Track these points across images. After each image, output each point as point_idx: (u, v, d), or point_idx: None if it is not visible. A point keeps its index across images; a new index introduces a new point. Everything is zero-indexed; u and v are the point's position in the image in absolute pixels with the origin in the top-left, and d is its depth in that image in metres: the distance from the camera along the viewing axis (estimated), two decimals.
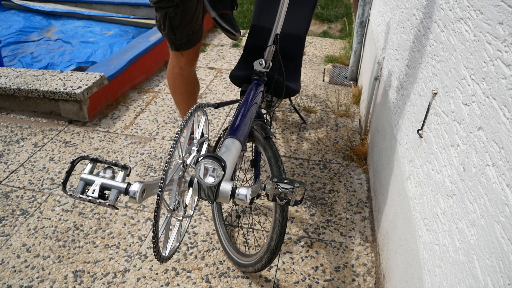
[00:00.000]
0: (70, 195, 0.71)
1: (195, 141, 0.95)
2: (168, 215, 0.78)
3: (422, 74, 1.12)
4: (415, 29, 1.25)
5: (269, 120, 1.40)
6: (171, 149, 0.74)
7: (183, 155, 0.81)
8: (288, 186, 0.89)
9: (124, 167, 0.73)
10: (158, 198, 0.70)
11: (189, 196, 0.89)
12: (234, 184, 0.82)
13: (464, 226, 0.75)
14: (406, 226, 1.12)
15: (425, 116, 1.04)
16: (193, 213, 0.92)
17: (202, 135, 0.98)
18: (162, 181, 0.70)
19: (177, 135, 0.75)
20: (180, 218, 0.85)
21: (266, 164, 1.14)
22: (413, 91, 1.20)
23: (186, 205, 0.86)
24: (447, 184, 0.85)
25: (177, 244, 0.84)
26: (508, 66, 0.64)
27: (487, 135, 0.69)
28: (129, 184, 0.70)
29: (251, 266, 1.24)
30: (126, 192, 0.70)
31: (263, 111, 1.54)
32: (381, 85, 1.74)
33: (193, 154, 0.90)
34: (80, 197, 0.69)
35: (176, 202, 0.79)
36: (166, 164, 0.71)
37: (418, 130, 1.08)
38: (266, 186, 0.90)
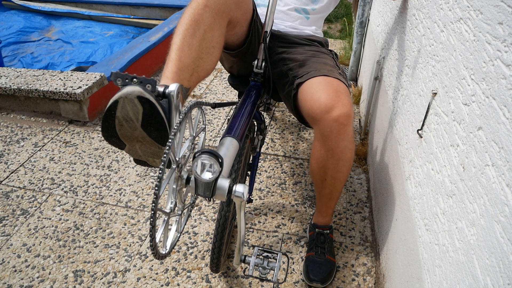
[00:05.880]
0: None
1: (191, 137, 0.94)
2: (166, 218, 0.77)
3: (422, 74, 1.13)
4: (415, 29, 1.25)
5: (264, 122, 1.39)
6: (177, 123, 0.72)
7: (194, 134, 0.83)
8: (273, 253, 0.95)
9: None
10: (166, 154, 0.68)
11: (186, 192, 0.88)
12: (231, 181, 0.81)
13: (463, 226, 0.75)
14: (406, 226, 1.12)
15: (425, 116, 1.04)
16: (189, 212, 0.91)
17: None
18: (174, 129, 0.70)
19: (181, 116, 0.72)
20: (179, 213, 0.83)
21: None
22: (413, 91, 1.20)
23: (183, 202, 0.85)
24: (447, 184, 0.85)
25: (167, 251, 0.82)
26: (508, 66, 0.64)
27: (487, 135, 0.70)
28: (166, 87, 0.75)
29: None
30: (163, 94, 0.74)
31: (265, 112, 1.54)
32: (381, 85, 1.74)
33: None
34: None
35: (173, 204, 0.78)
36: (176, 126, 0.70)
37: (418, 130, 1.08)
38: (246, 258, 0.93)
